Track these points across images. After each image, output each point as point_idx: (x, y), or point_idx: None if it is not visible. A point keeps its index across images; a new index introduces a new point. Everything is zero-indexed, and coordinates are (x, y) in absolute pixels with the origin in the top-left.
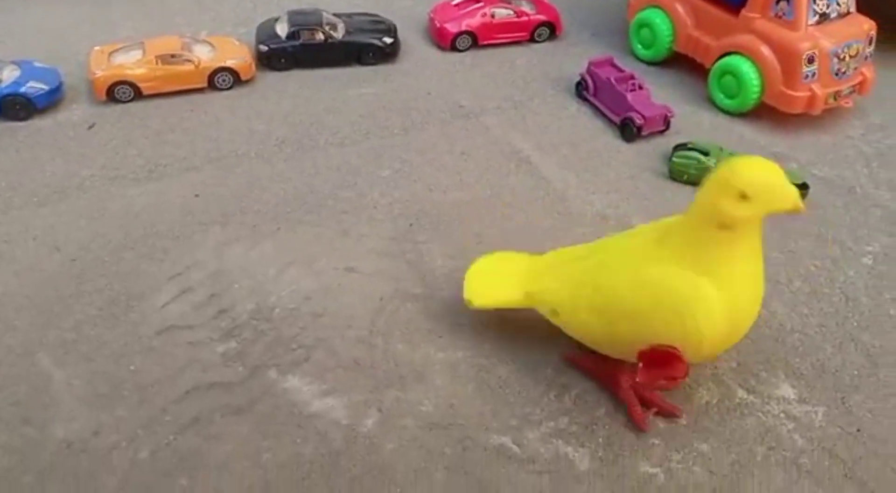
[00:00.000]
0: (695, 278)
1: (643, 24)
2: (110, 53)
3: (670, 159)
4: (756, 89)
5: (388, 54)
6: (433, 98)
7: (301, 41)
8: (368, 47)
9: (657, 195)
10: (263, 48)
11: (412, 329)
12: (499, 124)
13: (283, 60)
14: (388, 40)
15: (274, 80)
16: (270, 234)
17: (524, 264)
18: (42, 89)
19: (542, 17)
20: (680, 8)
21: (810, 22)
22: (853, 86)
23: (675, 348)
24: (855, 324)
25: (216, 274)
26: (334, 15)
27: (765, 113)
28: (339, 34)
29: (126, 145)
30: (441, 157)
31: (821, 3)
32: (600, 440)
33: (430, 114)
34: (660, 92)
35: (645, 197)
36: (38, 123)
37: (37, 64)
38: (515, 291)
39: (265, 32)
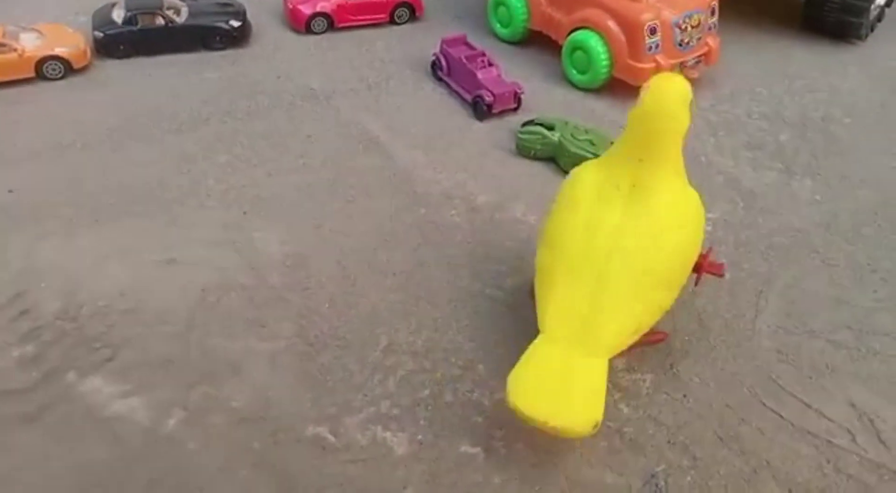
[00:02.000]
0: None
1: (500, 3)
2: None
3: (517, 136)
4: (605, 63)
5: (236, 38)
6: (282, 82)
7: (139, 26)
8: (214, 31)
9: (505, 172)
10: (98, 35)
11: (233, 321)
12: (350, 107)
13: (121, 47)
14: (236, 23)
15: (111, 69)
16: (88, 227)
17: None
18: None
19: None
20: None
21: None
22: (698, 56)
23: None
24: (690, 290)
25: (23, 273)
26: None
27: (617, 88)
28: (181, 18)
29: None
30: (285, 140)
31: None
32: (421, 422)
33: (278, 98)
34: (517, 70)
35: (492, 175)
36: None
37: None
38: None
39: (101, 18)
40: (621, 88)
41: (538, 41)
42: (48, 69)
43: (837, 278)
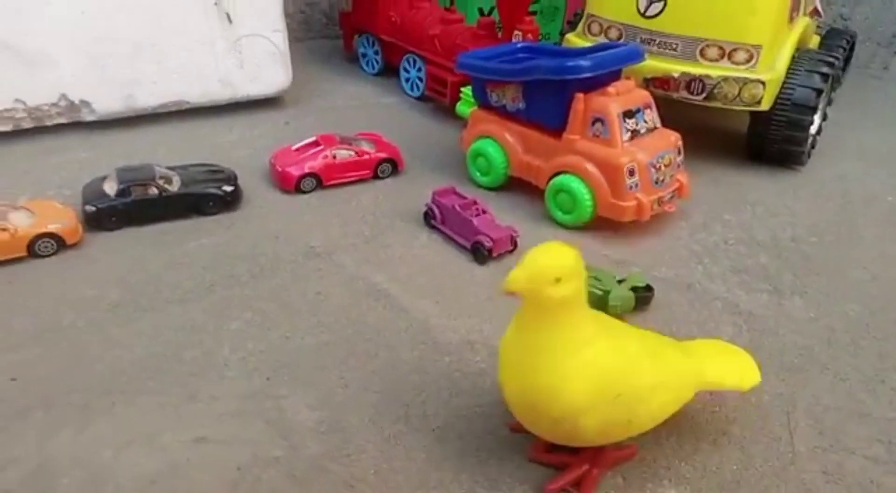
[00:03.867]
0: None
1: (478, 154)
2: None
3: None
4: (588, 203)
5: (229, 202)
6: (282, 242)
7: (132, 198)
8: (208, 197)
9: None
10: (90, 209)
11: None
12: (353, 262)
13: (113, 219)
14: (229, 188)
15: (104, 241)
16: (105, 411)
17: None
18: None
19: (382, 155)
20: (509, 136)
21: (624, 139)
22: (672, 191)
23: None
24: (724, 417)
25: (39, 470)
26: (168, 168)
27: (601, 224)
28: (174, 187)
29: None
30: (295, 301)
31: (630, 122)
32: None
33: (280, 258)
34: (503, 214)
35: (505, 317)
36: None
37: None
38: None
39: (92, 192)
40: (605, 223)
41: (516, 185)
42: (40, 247)
43: (853, 391)
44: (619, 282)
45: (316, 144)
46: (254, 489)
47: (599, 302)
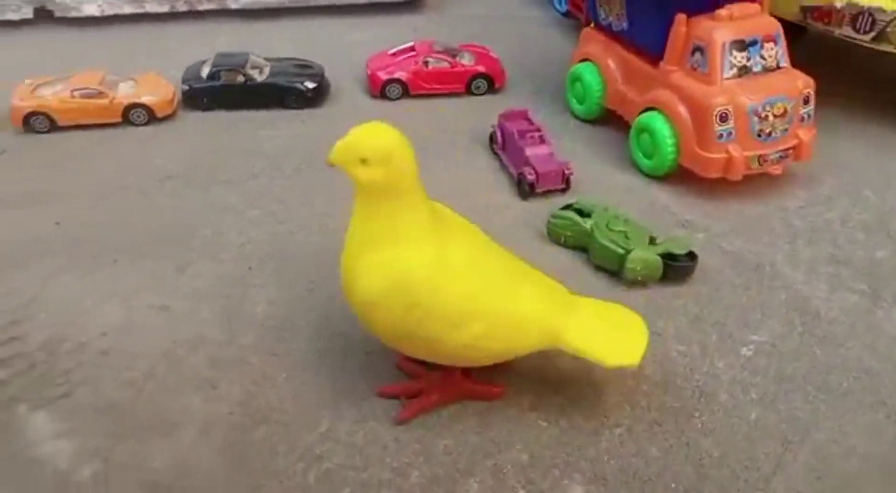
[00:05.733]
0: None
1: (576, 79)
2: (36, 86)
3: (549, 219)
4: (671, 149)
5: (311, 99)
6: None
7: (221, 82)
8: (290, 91)
9: (530, 258)
10: (184, 88)
11: (189, 377)
12: None
13: (204, 100)
14: (311, 85)
15: (192, 120)
16: (107, 266)
17: None
18: None
19: (478, 69)
20: (610, 62)
21: (727, 75)
22: (784, 150)
23: None
24: (698, 425)
25: (31, 301)
26: (265, 59)
27: (689, 178)
28: (261, 77)
29: (18, 173)
30: (320, 202)
31: (739, 55)
32: None
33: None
34: (586, 150)
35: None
36: None
37: None
38: None
39: (190, 73)
40: (693, 178)
41: (615, 122)
42: (134, 115)
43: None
44: (653, 243)
45: (411, 49)
46: (178, 362)
47: (618, 261)
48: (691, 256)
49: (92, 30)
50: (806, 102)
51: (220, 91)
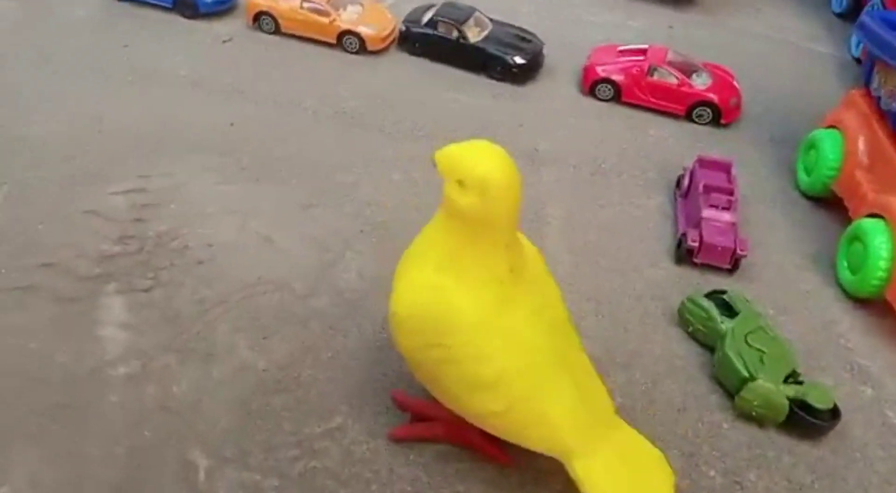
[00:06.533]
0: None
1: (813, 145)
2: None
3: (684, 300)
4: (882, 273)
5: (514, 74)
6: (519, 131)
7: (435, 32)
8: (497, 60)
9: (646, 335)
10: (402, 28)
11: (250, 318)
12: (557, 183)
13: (416, 45)
14: (520, 60)
15: (398, 60)
16: (250, 180)
17: None
18: None
19: (707, 95)
20: (861, 138)
21: None
22: None
23: None
24: None
25: (173, 189)
26: (490, 20)
27: (890, 315)
28: (475, 38)
29: (230, 64)
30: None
31: None
32: None
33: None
34: (779, 232)
35: (628, 324)
36: (194, 23)
37: None
38: None
39: (414, 14)
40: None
41: (839, 210)
42: (346, 42)
43: None
44: (789, 381)
45: (641, 52)
46: (246, 301)
47: (737, 383)
48: (834, 412)
49: None
50: None
51: (432, 40)
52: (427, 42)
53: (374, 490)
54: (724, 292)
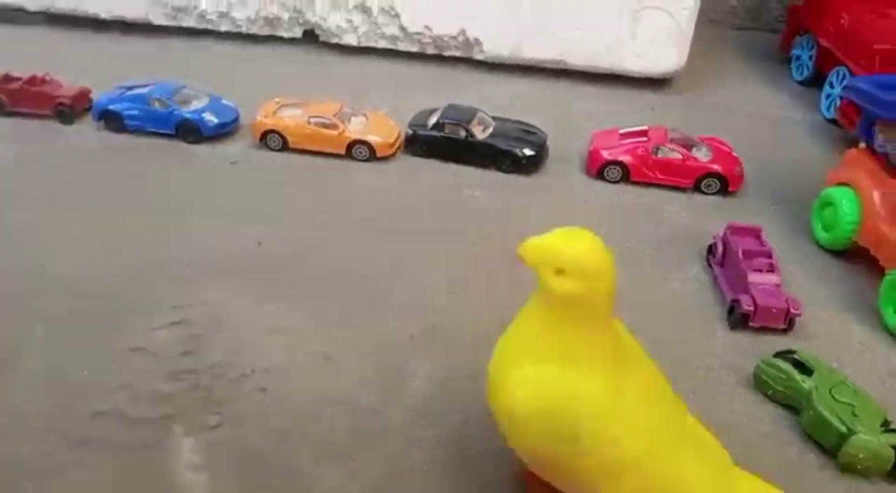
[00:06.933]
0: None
1: (827, 203)
2: (280, 106)
3: (759, 364)
4: None
5: (524, 166)
6: (537, 219)
7: (443, 133)
8: (505, 154)
9: (726, 402)
10: (409, 132)
11: (331, 441)
12: None
13: (424, 147)
14: (529, 152)
15: (408, 165)
16: (286, 298)
17: None
18: (213, 121)
19: (713, 167)
20: (875, 193)
21: None
22: None
23: None
24: None
25: (215, 317)
26: (493, 117)
27: None
28: (482, 135)
29: (242, 185)
30: (504, 279)
31: None
32: None
33: (522, 234)
34: (819, 289)
35: (708, 398)
36: (198, 148)
37: (224, 100)
38: None
39: (419, 119)
40: None
41: (865, 260)
42: (356, 151)
43: None
44: (886, 428)
45: (643, 134)
46: (322, 424)
47: (837, 439)
48: None
49: (346, 57)
50: None
51: (441, 142)
52: (435, 143)
53: None
54: (793, 352)
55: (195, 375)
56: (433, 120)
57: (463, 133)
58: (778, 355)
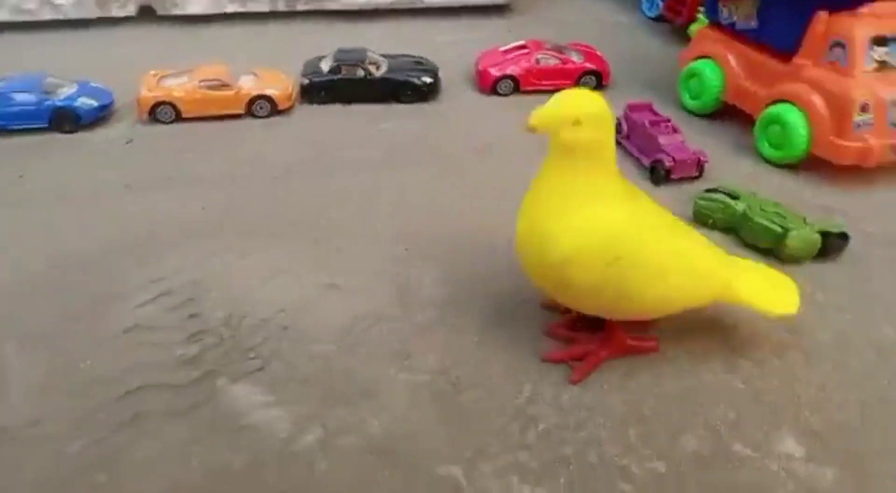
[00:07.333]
0: None
1: (692, 75)
2: (161, 77)
3: (695, 202)
4: (803, 140)
5: (425, 93)
6: (460, 136)
7: (341, 76)
8: (406, 85)
9: None
10: (304, 81)
11: (378, 349)
12: (523, 162)
13: (322, 93)
14: (427, 80)
15: (310, 112)
16: (263, 248)
17: None
18: (91, 105)
19: (588, 66)
20: (731, 58)
21: (867, 69)
22: None
23: None
24: (885, 383)
25: (198, 281)
26: (381, 55)
27: (814, 165)
28: (379, 72)
29: (151, 160)
30: (442, 188)
31: (879, 50)
32: (561, 480)
33: (453, 149)
34: (702, 140)
35: None
36: (83, 136)
37: (93, 83)
38: None
39: (310, 67)
40: (817, 164)
41: (726, 114)
42: (257, 107)
43: None
44: (807, 224)
45: (523, 47)
46: (362, 336)
47: (775, 240)
48: (843, 235)
49: (191, 28)
50: None
51: (340, 85)
52: (333, 87)
53: (602, 422)
54: (716, 189)
55: (212, 333)
56: (327, 65)
57: (361, 72)
58: (707, 191)
